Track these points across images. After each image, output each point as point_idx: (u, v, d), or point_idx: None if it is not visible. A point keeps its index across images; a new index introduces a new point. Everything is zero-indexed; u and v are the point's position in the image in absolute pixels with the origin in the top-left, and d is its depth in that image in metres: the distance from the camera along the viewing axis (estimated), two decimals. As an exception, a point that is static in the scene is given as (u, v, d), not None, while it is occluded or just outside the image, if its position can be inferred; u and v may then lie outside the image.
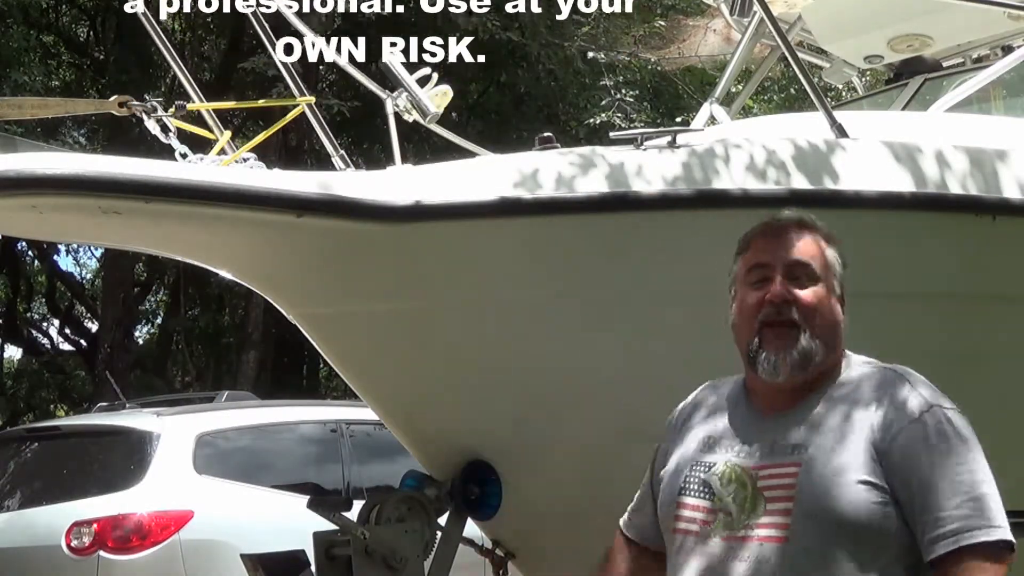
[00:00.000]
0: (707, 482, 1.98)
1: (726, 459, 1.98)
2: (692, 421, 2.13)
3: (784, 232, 2.05)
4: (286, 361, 17.01)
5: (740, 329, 2.04)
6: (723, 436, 2.03)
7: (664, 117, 13.11)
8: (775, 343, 1.96)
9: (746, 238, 2.10)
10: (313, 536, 3.58)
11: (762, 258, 2.03)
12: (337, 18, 11.53)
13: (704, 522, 1.95)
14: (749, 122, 5.00)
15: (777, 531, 1.87)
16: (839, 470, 1.86)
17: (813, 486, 1.86)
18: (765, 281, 2.00)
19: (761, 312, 1.99)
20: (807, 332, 1.96)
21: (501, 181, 3.23)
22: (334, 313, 3.52)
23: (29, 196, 2.77)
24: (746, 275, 2.05)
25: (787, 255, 2.01)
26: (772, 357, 1.96)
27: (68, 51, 16.20)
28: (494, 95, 15.12)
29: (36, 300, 19.98)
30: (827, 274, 2.02)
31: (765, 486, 1.91)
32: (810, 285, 1.99)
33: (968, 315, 3.52)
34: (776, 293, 1.97)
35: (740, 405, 2.07)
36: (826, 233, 2.07)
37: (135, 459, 5.53)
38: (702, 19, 10.10)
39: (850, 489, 1.84)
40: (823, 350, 1.97)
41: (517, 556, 3.97)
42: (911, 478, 1.85)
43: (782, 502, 1.88)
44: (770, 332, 1.97)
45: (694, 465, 2.02)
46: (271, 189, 3.00)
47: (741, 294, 2.05)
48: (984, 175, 3.49)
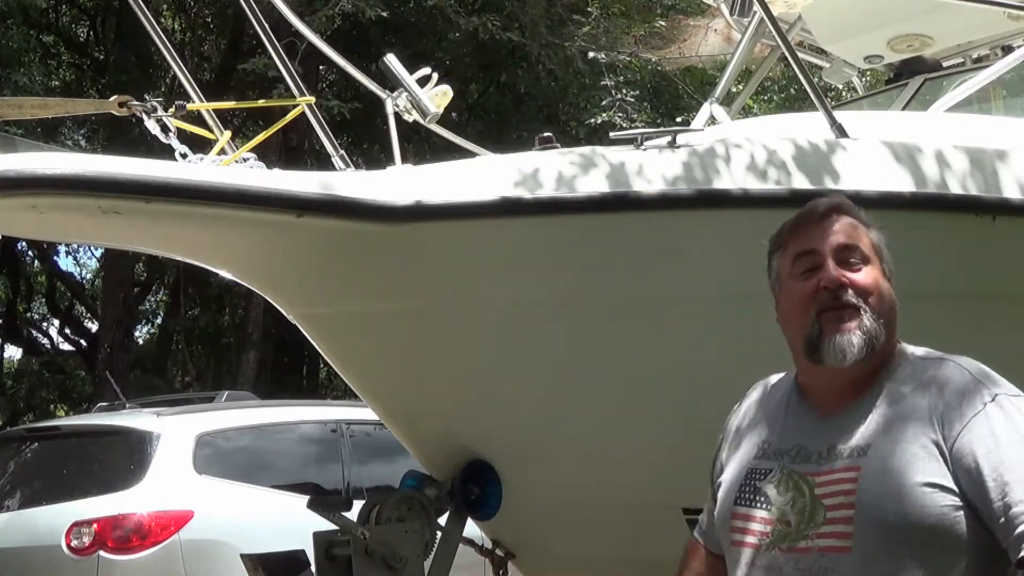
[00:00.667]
0: (763, 491, 1.88)
1: (782, 465, 1.88)
2: (746, 425, 2.03)
3: (826, 217, 1.94)
4: (286, 361, 17.02)
5: (793, 323, 1.92)
6: (778, 440, 1.93)
7: (664, 117, 13.10)
8: (837, 326, 1.85)
9: (782, 233, 2.00)
10: (313, 536, 3.58)
11: (807, 245, 1.93)
12: (337, 18, 11.54)
13: (763, 533, 1.85)
14: (749, 122, 5.00)
15: (839, 540, 1.77)
16: (901, 473, 1.75)
17: (874, 492, 1.75)
18: (814, 269, 1.90)
19: (816, 301, 1.88)
20: (869, 312, 1.86)
21: (501, 181, 3.23)
22: (334, 313, 3.52)
23: (29, 196, 2.77)
24: (792, 267, 1.94)
25: (834, 239, 1.91)
26: (837, 340, 1.84)
27: (68, 51, 16.20)
28: (494, 95, 15.13)
29: (36, 300, 19.98)
30: (877, 255, 1.93)
31: (824, 493, 1.80)
32: (863, 266, 1.90)
33: (968, 315, 3.52)
34: (830, 278, 1.87)
35: (793, 405, 1.97)
36: (864, 218, 1.98)
37: (135, 459, 5.53)
38: (702, 19, 10.09)
39: (915, 493, 1.73)
40: (884, 332, 1.87)
41: (517, 556, 3.98)
42: (983, 476, 1.72)
43: (843, 509, 1.77)
44: (831, 315, 1.86)
45: (750, 473, 1.92)
46: (271, 189, 3.00)
47: (788, 288, 1.94)
48: (984, 175, 3.48)
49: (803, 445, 1.89)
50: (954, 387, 1.82)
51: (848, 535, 1.76)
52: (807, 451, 1.88)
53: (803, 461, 1.87)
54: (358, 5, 11.08)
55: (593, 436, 3.54)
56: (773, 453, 1.92)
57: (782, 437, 1.93)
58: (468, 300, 3.41)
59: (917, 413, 1.81)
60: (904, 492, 1.74)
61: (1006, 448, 1.74)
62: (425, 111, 3.55)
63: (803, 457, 1.87)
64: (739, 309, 3.04)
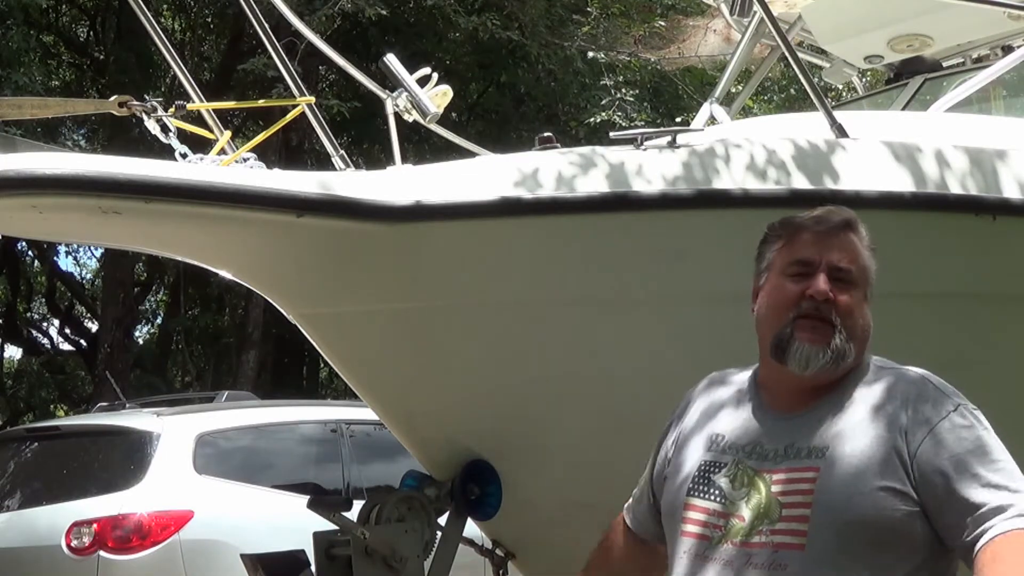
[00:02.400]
0: (717, 484, 1.91)
1: (737, 460, 1.92)
2: (699, 415, 2.07)
3: (834, 232, 1.99)
4: (286, 361, 17.03)
5: (769, 318, 1.97)
6: (734, 435, 1.97)
7: (664, 117, 13.10)
8: (811, 335, 1.91)
9: (790, 228, 2.03)
10: (313, 536, 3.58)
11: (808, 254, 1.97)
12: (337, 18, 11.54)
13: (715, 526, 1.89)
14: (749, 122, 4.99)
15: (794, 538, 1.81)
16: (860, 475, 1.80)
17: (833, 492, 1.80)
18: (806, 276, 1.95)
19: (799, 306, 1.93)
20: (843, 334, 1.91)
21: (501, 181, 3.23)
22: (334, 313, 3.52)
23: (29, 196, 2.77)
24: (787, 267, 1.99)
25: (834, 257, 1.96)
26: (806, 348, 1.90)
27: (68, 51, 16.20)
28: (494, 95, 15.12)
29: (36, 300, 19.97)
30: (863, 280, 1.98)
31: (780, 491, 1.84)
32: (849, 289, 1.95)
33: (968, 315, 3.52)
34: (820, 291, 1.92)
35: (752, 402, 2.01)
36: (867, 240, 2.03)
37: (135, 459, 5.53)
38: (702, 19, 10.10)
39: (873, 495, 1.79)
40: (853, 353, 1.92)
41: (517, 556, 3.98)
42: (939, 482, 1.79)
43: (800, 508, 1.82)
44: (807, 323, 1.92)
45: (704, 465, 1.96)
46: (271, 189, 3.00)
47: (776, 283, 1.99)
48: (984, 175, 3.48)
49: (760, 442, 1.93)
50: (916, 397, 1.88)
51: (803, 533, 1.81)
52: (764, 448, 1.92)
53: (759, 458, 1.91)
54: (358, 5, 11.07)
55: (593, 436, 3.54)
56: (729, 447, 1.96)
57: (738, 432, 1.97)
58: (468, 300, 3.41)
59: (878, 419, 1.86)
60: (862, 494, 1.79)
61: (965, 457, 1.81)
62: (425, 111, 3.55)
63: (759, 454, 1.92)
64: (739, 309, 3.04)
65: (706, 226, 3.31)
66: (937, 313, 3.47)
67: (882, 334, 2.16)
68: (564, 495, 3.67)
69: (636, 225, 3.30)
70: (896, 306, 3.31)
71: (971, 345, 3.51)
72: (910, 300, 3.40)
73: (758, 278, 2.05)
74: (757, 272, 2.06)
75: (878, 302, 2.01)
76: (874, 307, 2.02)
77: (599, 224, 3.28)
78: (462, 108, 14.14)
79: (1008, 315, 3.58)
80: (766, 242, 2.06)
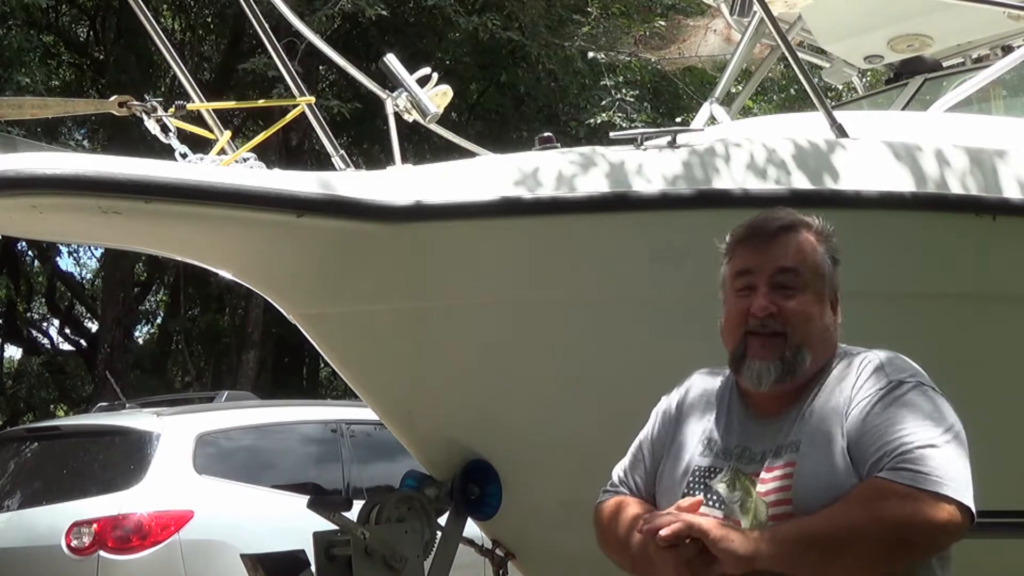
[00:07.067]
0: (715, 489, 1.96)
1: (731, 465, 1.96)
2: (689, 414, 2.11)
3: (770, 237, 2.00)
4: (286, 361, 17.03)
5: (726, 336, 2.03)
6: (723, 439, 2.01)
7: (664, 117, 13.10)
8: (759, 352, 1.94)
9: (731, 242, 2.06)
10: (313, 536, 3.58)
11: (748, 264, 2.00)
12: (337, 18, 11.54)
13: None
14: (749, 122, 4.99)
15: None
16: (829, 469, 1.85)
17: (807, 487, 1.85)
18: (750, 289, 1.97)
19: (747, 322, 1.97)
20: (793, 341, 1.93)
21: (501, 181, 3.23)
22: (334, 313, 3.52)
23: (29, 196, 2.77)
24: (733, 281, 2.02)
25: (772, 263, 1.97)
26: (757, 366, 1.94)
27: (68, 51, 16.19)
28: (494, 95, 15.11)
29: (36, 300, 19.96)
30: (815, 278, 1.98)
31: (765, 491, 1.90)
32: (796, 294, 1.95)
33: (968, 315, 3.52)
34: (760, 307, 1.94)
35: (735, 406, 2.05)
36: (818, 228, 2.02)
37: (135, 459, 5.53)
38: (702, 19, 10.09)
39: (843, 487, 1.83)
40: (810, 357, 1.94)
41: (517, 556, 3.97)
42: (852, 437, 1.85)
43: (782, 506, 1.87)
44: (755, 340, 1.95)
45: (699, 470, 2.00)
46: (271, 189, 3.00)
47: (727, 301, 2.04)
48: (984, 175, 3.48)
49: (747, 446, 1.98)
50: (858, 378, 1.92)
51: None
52: (751, 452, 1.97)
53: (748, 462, 1.96)
54: (358, 5, 11.07)
55: (593, 436, 3.54)
56: (721, 452, 2.00)
57: (727, 436, 2.01)
58: (468, 300, 3.41)
59: (832, 410, 1.91)
60: (832, 487, 1.83)
61: (877, 420, 1.84)
62: (425, 111, 3.55)
63: (748, 458, 1.96)
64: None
65: (706, 226, 3.29)
66: (937, 313, 3.47)
67: (882, 334, 2.16)
68: (564, 495, 3.66)
69: (636, 225, 3.30)
70: (896, 306, 3.32)
71: (971, 345, 3.51)
72: (910, 300, 3.40)
73: (719, 296, 2.09)
74: (718, 289, 2.09)
75: (878, 302, 2.01)
76: (874, 307, 2.02)
77: (599, 224, 3.28)
78: (462, 108, 14.13)
79: (1008, 315, 3.58)
80: (722, 258, 2.09)
